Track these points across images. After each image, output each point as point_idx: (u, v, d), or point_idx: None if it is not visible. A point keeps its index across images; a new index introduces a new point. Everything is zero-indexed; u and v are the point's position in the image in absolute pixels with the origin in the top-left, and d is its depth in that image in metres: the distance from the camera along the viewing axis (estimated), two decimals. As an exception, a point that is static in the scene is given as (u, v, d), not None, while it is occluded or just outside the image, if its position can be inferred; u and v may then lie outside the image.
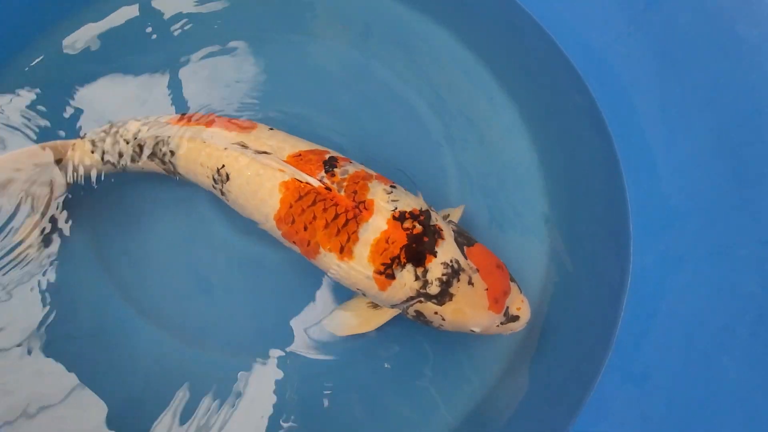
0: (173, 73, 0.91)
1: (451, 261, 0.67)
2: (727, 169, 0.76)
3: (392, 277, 0.67)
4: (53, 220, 0.81)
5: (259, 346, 0.77)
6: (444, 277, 0.66)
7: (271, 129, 0.78)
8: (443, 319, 0.68)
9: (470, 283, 0.66)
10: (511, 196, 0.89)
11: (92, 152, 0.80)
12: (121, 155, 0.80)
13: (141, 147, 0.79)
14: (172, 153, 0.77)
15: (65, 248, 0.79)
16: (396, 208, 0.68)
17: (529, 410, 0.75)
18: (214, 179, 0.75)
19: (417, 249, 0.67)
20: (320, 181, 0.69)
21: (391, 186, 0.72)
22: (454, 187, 0.88)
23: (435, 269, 0.66)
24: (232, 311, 0.80)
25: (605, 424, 0.67)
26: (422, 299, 0.67)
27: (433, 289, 0.67)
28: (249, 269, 0.81)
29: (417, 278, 0.67)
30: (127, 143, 0.79)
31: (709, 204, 0.77)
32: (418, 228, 0.67)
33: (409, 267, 0.67)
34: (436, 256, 0.66)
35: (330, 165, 0.71)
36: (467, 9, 0.98)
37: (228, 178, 0.73)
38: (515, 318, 0.69)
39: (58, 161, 0.80)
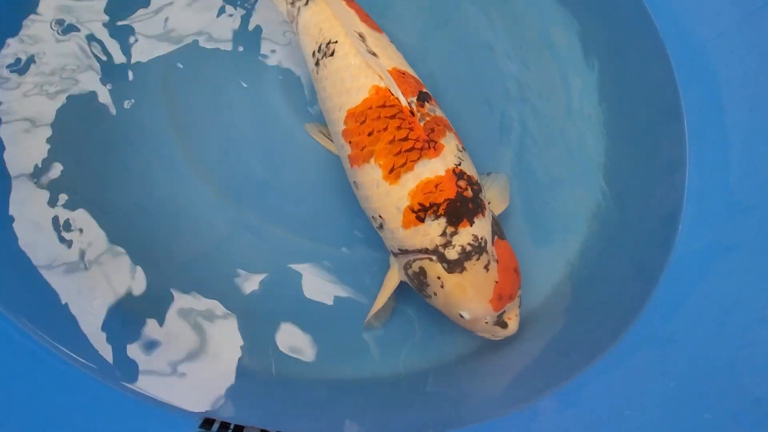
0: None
1: (481, 238, 0.66)
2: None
3: (421, 220, 0.66)
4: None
5: (307, 234, 0.79)
6: (468, 248, 0.65)
7: (392, 42, 0.81)
8: (441, 287, 0.66)
9: (486, 268, 0.65)
10: (567, 167, 0.88)
11: None
12: None
13: None
14: (306, 2, 0.80)
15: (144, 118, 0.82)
16: (459, 165, 0.68)
17: (543, 357, 0.72)
18: (319, 47, 0.77)
19: (459, 209, 0.66)
20: (409, 103, 0.70)
21: (463, 147, 0.73)
22: (511, 146, 0.88)
23: (464, 236, 0.65)
24: (286, 195, 0.81)
25: (618, 372, 0.63)
26: (434, 258, 0.65)
27: (452, 253, 0.65)
28: (308, 160, 0.83)
29: (443, 234, 0.65)
30: None
31: (775, 203, 0.75)
32: (469, 193, 0.67)
33: (441, 221, 0.66)
34: (471, 225, 0.66)
35: (424, 98, 0.73)
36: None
37: (332, 55, 0.75)
38: (504, 325, 0.67)
39: None
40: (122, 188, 0.80)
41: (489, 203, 0.75)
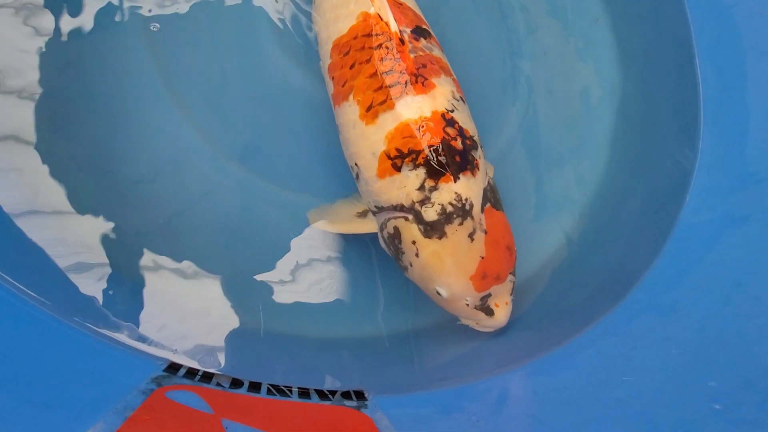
0: None
1: (465, 199, 0.56)
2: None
3: (398, 169, 0.57)
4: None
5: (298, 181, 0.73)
6: (449, 208, 0.56)
7: None
8: (416, 256, 0.57)
9: (471, 237, 0.56)
10: (575, 132, 0.83)
11: None
12: None
13: None
14: None
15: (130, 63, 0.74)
16: (452, 112, 0.59)
17: (537, 321, 0.69)
18: None
19: (442, 160, 0.56)
20: (401, 31, 0.61)
21: (462, 98, 0.64)
22: (518, 106, 0.82)
23: (445, 194, 0.56)
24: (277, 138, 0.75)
25: (615, 338, 0.60)
26: (409, 217, 0.57)
27: (430, 213, 0.56)
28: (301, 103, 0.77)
29: (421, 189, 0.57)
30: None
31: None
32: (459, 144, 0.58)
33: (420, 172, 0.57)
34: (455, 182, 0.56)
35: (421, 33, 0.65)
36: None
37: None
38: (489, 312, 0.58)
39: None
40: (105, 136, 0.73)
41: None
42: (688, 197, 0.77)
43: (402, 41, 0.60)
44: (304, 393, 0.54)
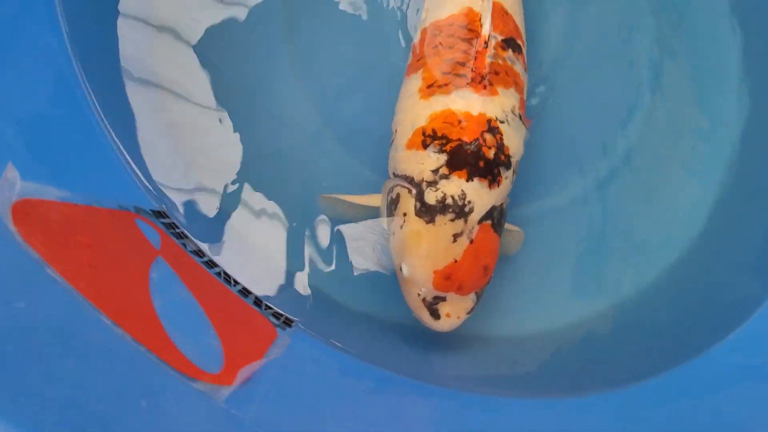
0: None
1: (468, 201, 0.58)
2: None
3: (424, 146, 0.60)
4: None
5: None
6: (449, 201, 0.58)
7: None
8: (401, 228, 0.59)
9: (455, 237, 0.57)
10: (688, 165, 0.72)
11: None
12: None
13: None
14: None
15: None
16: (501, 123, 0.60)
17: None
18: None
19: (466, 157, 0.58)
20: (490, 36, 0.63)
21: (521, 117, 0.64)
22: (630, 129, 0.74)
23: (452, 186, 0.58)
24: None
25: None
26: (413, 191, 0.59)
27: (430, 196, 0.58)
28: None
29: (435, 171, 0.59)
30: None
31: None
32: (490, 154, 0.59)
33: (442, 157, 0.59)
34: (467, 181, 0.58)
35: (511, 45, 0.66)
36: None
37: None
38: (436, 314, 0.58)
39: None
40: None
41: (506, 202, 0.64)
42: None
43: (486, 44, 0.62)
44: (244, 292, 0.55)
